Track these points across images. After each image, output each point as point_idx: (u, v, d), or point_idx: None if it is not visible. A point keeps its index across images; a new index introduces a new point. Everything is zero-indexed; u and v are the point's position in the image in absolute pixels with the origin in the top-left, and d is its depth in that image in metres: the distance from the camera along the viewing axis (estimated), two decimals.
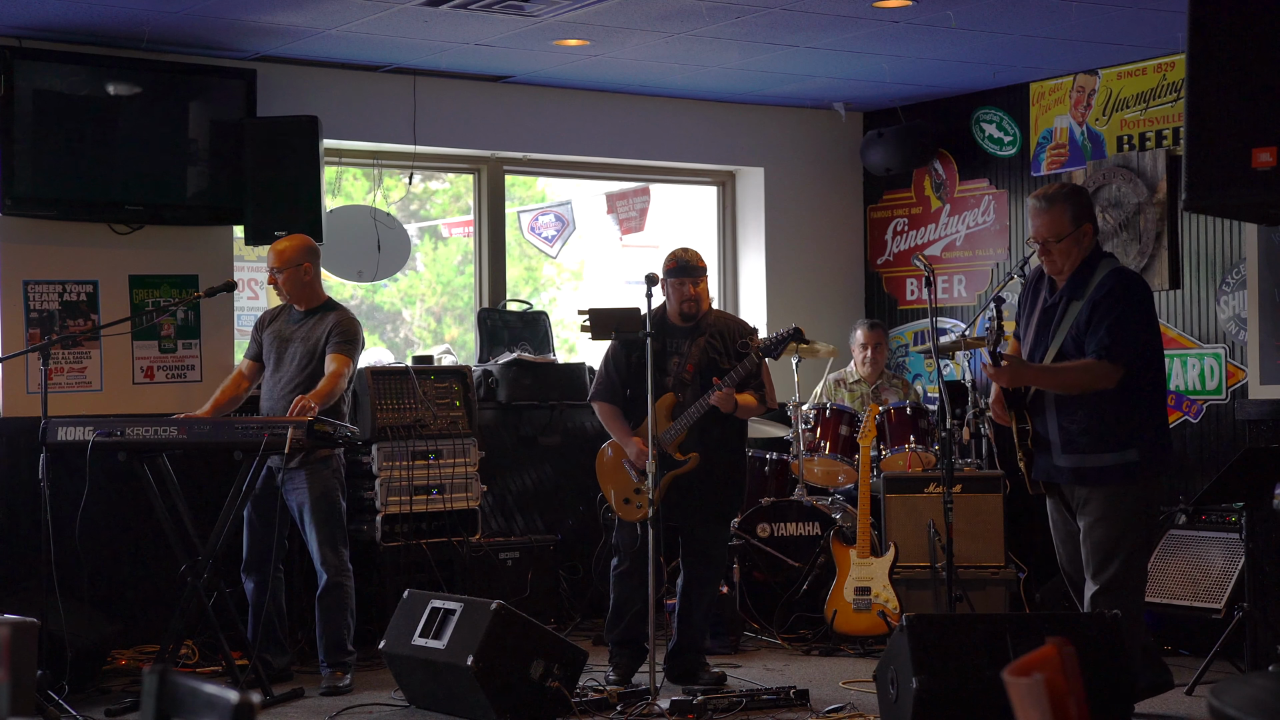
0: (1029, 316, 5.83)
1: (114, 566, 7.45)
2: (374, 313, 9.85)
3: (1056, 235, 5.60)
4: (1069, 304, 5.64)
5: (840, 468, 8.20)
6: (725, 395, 6.45)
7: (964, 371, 8.55)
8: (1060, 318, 5.66)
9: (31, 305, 7.43)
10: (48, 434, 6.33)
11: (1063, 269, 5.65)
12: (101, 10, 6.91)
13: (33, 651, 5.32)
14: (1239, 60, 4.82)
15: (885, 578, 7.48)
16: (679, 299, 6.66)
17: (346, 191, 8.79)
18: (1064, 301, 5.66)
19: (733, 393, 6.47)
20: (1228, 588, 7.05)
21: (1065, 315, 5.64)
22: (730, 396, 6.46)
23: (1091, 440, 5.58)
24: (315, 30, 7.31)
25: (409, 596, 6.39)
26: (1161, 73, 8.11)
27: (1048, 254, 5.65)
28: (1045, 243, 5.63)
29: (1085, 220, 5.64)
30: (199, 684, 2.32)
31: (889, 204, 9.62)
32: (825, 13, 7.10)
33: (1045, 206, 5.63)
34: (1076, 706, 2.25)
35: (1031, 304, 5.83)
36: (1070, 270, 5.64)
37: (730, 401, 6.47)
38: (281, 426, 6.20)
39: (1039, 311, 5.76)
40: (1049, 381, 5.60)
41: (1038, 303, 5.79)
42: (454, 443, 7.72)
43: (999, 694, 2.52)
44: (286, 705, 6.44)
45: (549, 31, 7.38)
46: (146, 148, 7.49)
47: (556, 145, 8.90)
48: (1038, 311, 5.76)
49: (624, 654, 6.71)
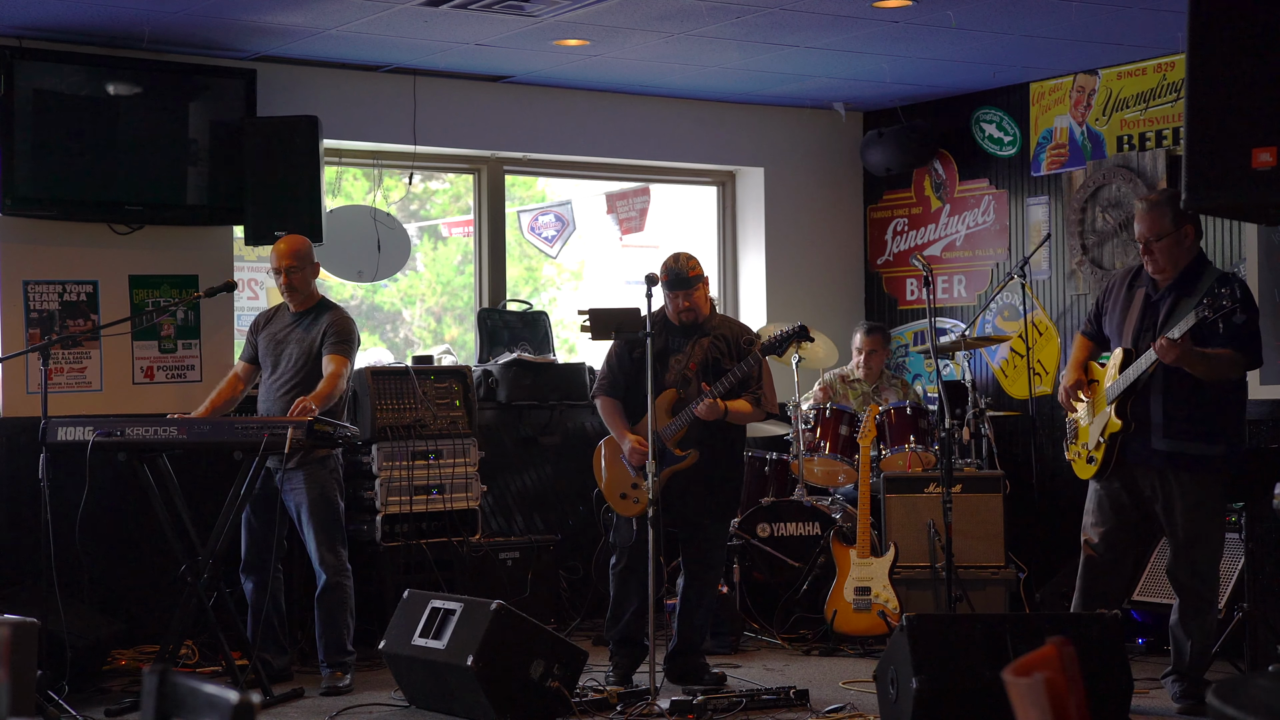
0: (1123, 311, 6.13)
1: (114, 566, 7.44)
2: (374, 313, 9.86)
3: (1157, 235, 5.97)
4: (1177, 300, 5.97)
5: (840, 468, 8.20)
6: (709, 407, 6.44)
7: (964, 371, 8.55)
8: (1170, 311, 5.97)
9: (31, 305, 7.43)
10: (48, 434, 6.33)
11: (1165, 268, 6.00)
12: (101, 10, 6.92)
13: (33, 651, 5.31)
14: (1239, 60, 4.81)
15: (885, 578, 7.48)
16: (674, 310, 6.66)
17: (346, 191, 8.79)
18: (1172, 297, 5.99)
19: (716, 404, 6.45)
20: (1228, 588, 7.05)
21: (1175, 308, 5.95)
22: (714, 407, 6.44)
23: (1192, 427, 5.94)
24: (315, 30, 7.31)
25: (409, 596, 6.39)
26: (1161, 73, 8.11)
27: (1150, 253, 6.02)
28: (1147, 242, 6.00)
29: (1186, 222, 5.99)
30: (199, 684, 2.32)
31: (889, 204, 9.62)
32: (825, 13, 7.10)
33: (1147, 208, 6.04)
34: (1076, 706, 2.25)
35: (1126, 300, 6.14)
36: (1174, 270, 5.99)
37: (715, 412, 6.45)
38: (281, 426, 6.20)
39: (1140, 306, 6.07)
40: (1200, 365, 5.88)
41: (1133, 298, 6.11)
42: (454, 443, 7.72)
43: (999, 694, 2.52)
44: (286, 705, 6.44)
45: (549, 31, 7.38)
46: (146, 148, 7.49)
47: (556, 145, 8.90)
48: (1136, 306, 6.08)
49: (624, 653, 6.71)
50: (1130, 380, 5.97)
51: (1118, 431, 6.01)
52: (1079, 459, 6.21)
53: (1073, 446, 6.24)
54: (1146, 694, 6.23)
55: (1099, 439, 6.07)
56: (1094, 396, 6.13)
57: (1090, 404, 6.14)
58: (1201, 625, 6.06)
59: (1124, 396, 6.00)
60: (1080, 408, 6.18)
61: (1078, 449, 6.20)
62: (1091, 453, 6.11)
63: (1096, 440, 6.08)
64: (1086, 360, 6.26)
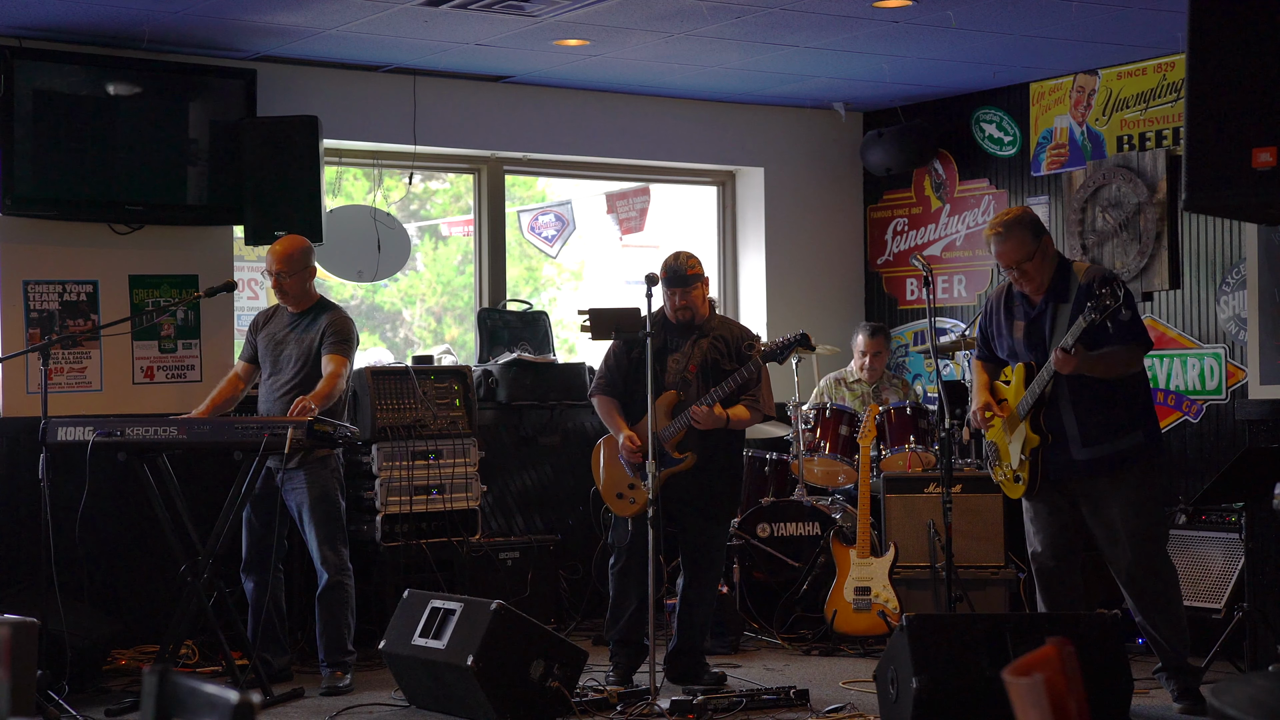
0: (1009, 333, 6.16)
1: (114, 566, 7.45)
2: (374, 313, 9.85)
3: (1027, 255, 5.97)
4: (1056, 308, 6.00)
5: (840, 468, 8.20)
6: (705, 414, 6.45)
7: (964, 371, 8.55)
8: (1053, 321, 5.99)
9: (31, 305, 7.43)
10: (48, 434, 6.33)
11: (1040, 283, 6.02)
12: (101, 10, 6.92)
13: (33, 651, 5.31)
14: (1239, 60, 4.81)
15: (885, 578, 7.48)
16: (672, 307, 6.66)
17: (346, 191, 8.79)
18: (1050, 307, 6.01)
19: (712, 411, 6.45)
20: (1228, 588, 7.06)
21: (1057, 317, 5.98)
22: (710, 415, 6.45)
23: (1108, 428, 5.95)
24: (315, 30, 7.31)
25: (409, 596, 6.39)
26: (1161, 73, 8.11)
27: (1023, 274, 6.01)
28: (1017, 265, 5.99)
29: (1042, 233, 6.04)
30: (199, 684, 2.32)
31: (889, 204, 9.62)
32: (825, 13, 7.10)
33: (1006, 234, 6.01)
34: (1076, 706, 2.25)
35: (1007, 323, 6.17)
36: (1046, 282, 6.02)
37: (711, 419, 6.46)
38: (281, 426, 6.21)
39: (1023, 324, 6.09)
40: (1099, 367, 5.90)
41: (1013, 319, 6.14)
42: (454, 443, 7.72)
43: (999, 694, 2.52)
44: (286, 705, 6.44)
45: (549, 31, 7.38)
46: (146, 148, 7.49)
47: (556, 145, 8.90)
48: (1020, 325, 6.10)
49: (624, 653, 6.71)
50: (1036, 394, 5.98)
51: (1037, 446, 6.02)
52: (1006, 480, 6.22)
53: (997, 469, 6.25)
54: (1146, 694, 6.23)
55: (1021, 457, 6.09)
56: (1006, 414, 6.14)
57: (1005, 422, 6.14)
58: (1168, 618, 6.02)
59: (1034, 410, 6.01)
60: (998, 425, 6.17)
61: (1003, 470, 6.21)
62: (1017, 471, 6.12)
63: (1019, 459, 6.09)
64: (990, 382, 6.27)
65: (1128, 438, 5.96)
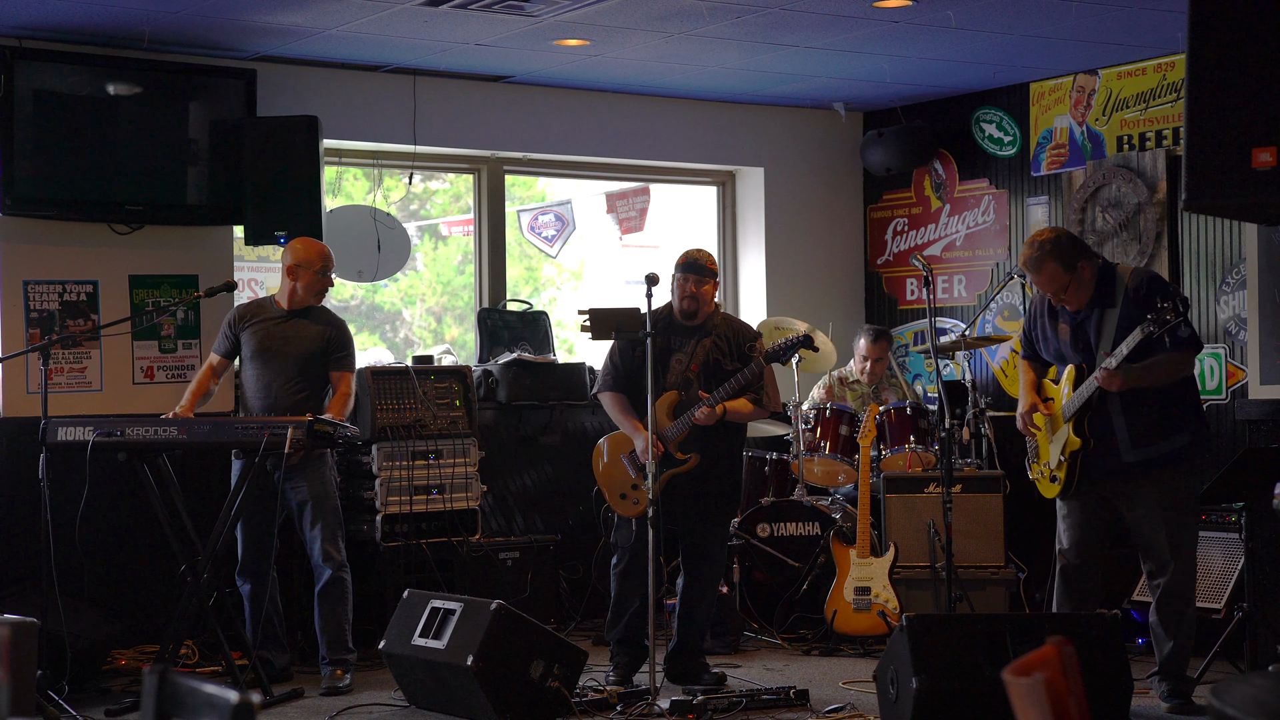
0: (1055, 338, 6.13)
1: (114, 566, 7.45)
2: (374, 313, 9.85)
3: (1064, 286, 5.96)
4: (1102, 313, 5.97)
5: (840, 468, 8.20)
6: (707, 414, 6.46)
7: (964, 371, 8.55)
8: (1099, 325, 5.97)
9: (31, 305, 7.43)
10: (48, 434, 6.33)
11: (1082, 300, 6.00)
12: (101, 10, 6.92)
13: (33, 651, 5.31)
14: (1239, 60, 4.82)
15: (885, 578, 7.48)
16: (680, 294, 6.67)
17: (346, 191, 8.79)
18: (1096, 313, 5.99)
19: (714, 413, 6.46)
20: (1228, 588, 7.05)
21: (1103, 322, 5.96)
22: (713, 416, 6.47)
23: (1158, 430, 5.95)
24: (315, 30, 7.31)
25: (409, 596, 6.39)
26: (1161, 73, 8.11)
27: (1065, 298, 6.00)
28: (1056, 293, 5.99)
29: (1078, 259, 5.96)
30: (199, 684, 2.32)
31: (889, 204, 9.62)
32: (825, 13, 7.10)
33: (1036, 270, 5.98)
34: (1076, 706, 2.25)
35: (1052, 328, 6.15)
36: (1088, 296, 5.99)
37: (713, 420, 6.47)
38: (281, 426, 6.21)
39: (1071, 327, 6.05)
40: (1149, 378, 5.88)
41: (1058, 320, 6.11)
42: (454, 443, 7.72)
43: (999, 694, 2.52)
44: (286, 705, 6.44)
45: (549, 31, 7.38)
46: (146, 148, 7.49)
47: (556, 145, 8.90)
48: (1066, 327, 6.07)
49: (624, 653, 6.71)
50: (1084, 398, 5.97)
51: (1078, 449, 6.02)
52: (1042, 478, 6.22)
53: (1035, 466, 6.26)
54: (1147, 694, 6.23)
55: (1060, 458, 6.09)
56: (1051, 413, 6.14)
57: (1049, 421, 6.14)
58: (1181, 625, 6.05)
59: (1080, 414, 6.00)
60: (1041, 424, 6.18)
61: (1040, 468, 6.22)
62: (1054, 472, 6.13)
63: (1058, 459, 6.10)
64: (1037, 381, 6.27)
65: (1176, 438, 5.97)
